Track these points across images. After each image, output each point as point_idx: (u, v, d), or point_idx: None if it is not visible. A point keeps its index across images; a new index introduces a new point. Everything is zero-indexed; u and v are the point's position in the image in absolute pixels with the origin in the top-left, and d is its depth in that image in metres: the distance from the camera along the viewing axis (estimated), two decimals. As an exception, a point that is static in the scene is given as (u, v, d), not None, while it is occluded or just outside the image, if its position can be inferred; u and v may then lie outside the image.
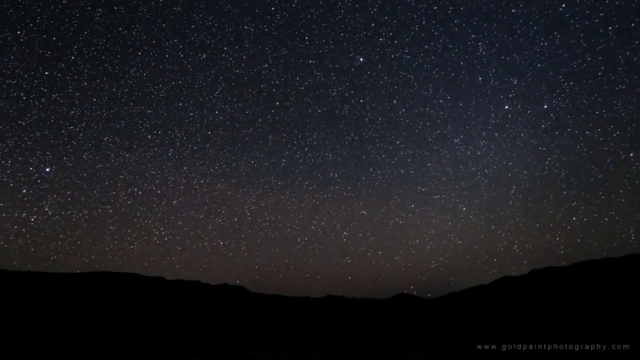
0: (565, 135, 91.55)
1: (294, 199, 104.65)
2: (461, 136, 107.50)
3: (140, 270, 65.31)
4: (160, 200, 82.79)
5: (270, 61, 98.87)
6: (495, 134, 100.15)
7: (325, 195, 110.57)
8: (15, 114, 62.36)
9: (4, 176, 59.59)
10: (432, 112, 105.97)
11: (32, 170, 62.91)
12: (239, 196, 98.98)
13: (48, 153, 65.86)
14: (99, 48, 73.72)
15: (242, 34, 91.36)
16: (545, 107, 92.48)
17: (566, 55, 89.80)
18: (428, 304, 46.86)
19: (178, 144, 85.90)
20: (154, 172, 79.33)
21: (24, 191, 60.90)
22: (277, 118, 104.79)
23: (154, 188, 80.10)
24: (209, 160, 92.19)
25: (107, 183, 74.86)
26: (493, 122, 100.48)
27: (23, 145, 62.01)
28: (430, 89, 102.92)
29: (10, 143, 61.16)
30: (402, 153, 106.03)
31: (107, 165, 74.91)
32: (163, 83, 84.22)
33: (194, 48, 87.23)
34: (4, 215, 59.34)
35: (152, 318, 37.06)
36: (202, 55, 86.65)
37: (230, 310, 44.52)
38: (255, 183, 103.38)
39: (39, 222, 61.81)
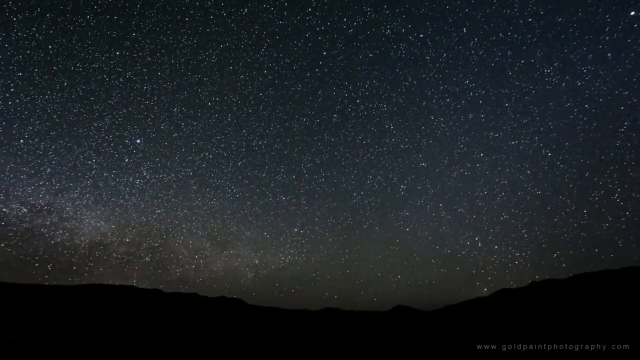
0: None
1: (348, 154, 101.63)
2: (555, 63, 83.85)
3: (217, 222, 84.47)
4: (228, 162, 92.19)
5: (314, 3, 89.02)
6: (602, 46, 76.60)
7: (381, 148, 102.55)
8: (104, 94, 70.95)
9: (109, 149, 72.03)
10: (515, 36, 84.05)
11: (127, 142, 74.82)
12: (295, 155, 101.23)
13: (135, 127, 76.23)
14: (153, 20, 76.11)
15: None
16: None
17: None
18: (426, 317, 46.35)
19: (234, 108, 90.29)
20: (218, 137, 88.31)
21: (126, 160, 74.07)
22: (326, 70, 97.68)
23: (220, 152, 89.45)
24: (263, 122, 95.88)
25: (183, 149, 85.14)
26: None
27: (116, 121, 72.93)
28: (516, 5, 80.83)
29: (107, 120, 71.98)
30: (472, 94, 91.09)
31: (180, 133, 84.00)
32: (212, 48, 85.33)
33: (235, 3, 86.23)
34: (117, 180, 71.56)
35: (147, 332, 36.44)
36: (243, 11, 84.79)
37: (227, 323, 43.85)
38: (308, 141, 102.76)
39: (140, 184, 75.67)
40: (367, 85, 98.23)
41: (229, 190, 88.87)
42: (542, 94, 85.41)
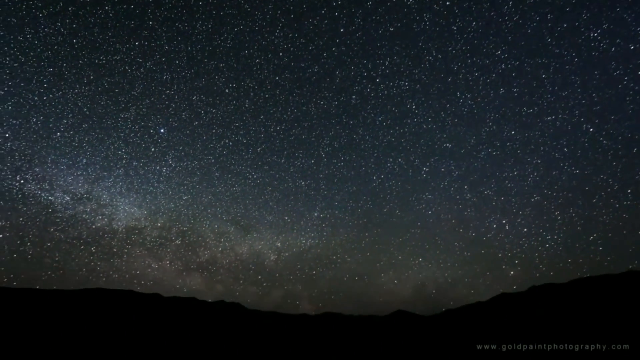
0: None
1: (367, 137, 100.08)
2: (604, 25, 71.48)
3: (240, 207, 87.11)
4: (247, 149, 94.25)
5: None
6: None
7: (402, 130, 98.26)
8: (127, 85, 74.22)
9: (136, 139, 76.13)
10: None
11: (152, 132, 79.07)
12: (313, 139, 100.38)
13: (158, 116, 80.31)
14: (167, 6, 77.46)
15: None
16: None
17: None
18: (426, 321, 46.12)
19: (252, 94, 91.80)
20: (237, 124, 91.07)
21: (152, 149, 78.61)
22: (343, 48, 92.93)
23: (240, 138, 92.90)
24: (281, 107, 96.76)
25: (204, 137, 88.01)
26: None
27: (140, 112, 76.46)
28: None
29: (132, 111, 75.58)
30: (503, 66, 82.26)
31: (200, 122, 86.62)
32: (227, 32, 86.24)
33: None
34: (145, 169, 75.54)
35: (146, 336, 36.21)
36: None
37: (226, 328, 43.58)
38: (326, 125, 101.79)
39: (167, 172, 79.46)
40: (387, 63, 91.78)
41: (250, 176, 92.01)
42: (587, 62, 75.68)
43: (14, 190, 57.30)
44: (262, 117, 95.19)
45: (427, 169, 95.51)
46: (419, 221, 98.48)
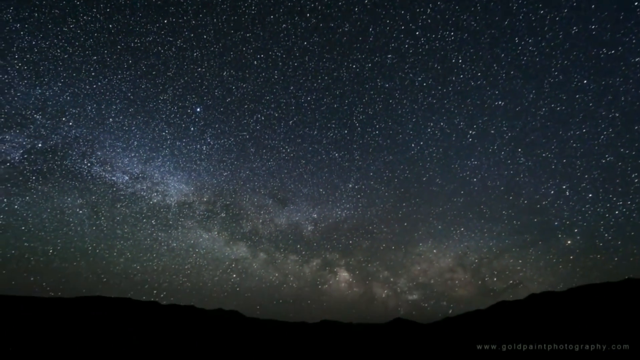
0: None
1: (405, 101, 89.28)
2: None
3: (276, 181, 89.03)
4: (279, 122, 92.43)
5: None
6: None
7: (445, 89, 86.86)
8: (162, 67, 76.26)
9: (177, 119, 78.84)
10: None
11: (189, 112, 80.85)
12: (345, 107, 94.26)
13: (194, 95, 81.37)
14: None
15: None
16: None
17: None
18: (425, 329, 45.84)
19: (280, 63, 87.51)
20: (267, 97, 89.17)
21: (192, 129, 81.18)
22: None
23: (271, 112, 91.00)
24: (310, 75, 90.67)
25: (237, 114, 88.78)
26: None
27: (177, 92, 78.48)
28: None
29: (170, 92, 77.62)
30: (575, 2, 69.41)
31: (232, 98, 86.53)
32: None
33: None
34: (184, 151, 78.83)
35: (144, 344, 35.92)
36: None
37: (224, 335, 43.21)
38: (360, 91, 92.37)
39: (207, 150, 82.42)
40: (428, 11, 76.89)
41: (283, 150, 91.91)
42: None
43: (84, 173, 66.43)
44: (292, 88, 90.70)
45: (473, 132, 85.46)
46: (462, 189, 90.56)
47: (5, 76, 59.75)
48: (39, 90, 63.43)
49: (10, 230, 60.33)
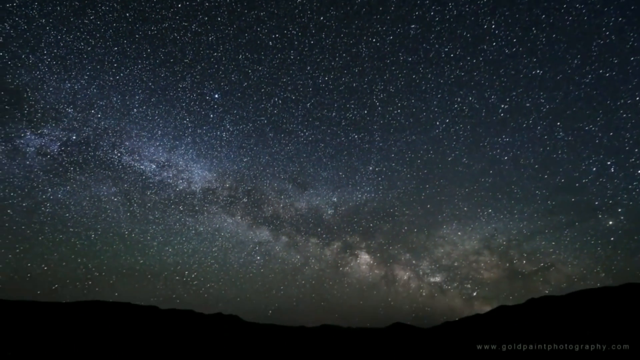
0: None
1: (429, 75, 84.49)
2: None
3: (295, 165, 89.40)
4: (297, 105, 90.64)
5: None
6: None
7: (475, 59, 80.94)
8: (179, 54, 77.45)
9: (196, 107, 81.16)
10: None
11: (208, 98, 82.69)
12: (365, 86, 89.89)
13: (211, 82, 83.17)
14: None
15: None
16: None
17: None
18: (424, 333, 45.59)
19: (296, 42, 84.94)
20: (284, 80, 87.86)
21: (211, 115, 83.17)
22: None
23: (288, 95, 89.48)
24: (328, 53, 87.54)
25: (255, 98, 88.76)
26: None
27: (195, 79, 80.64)
28: None
29: (188, 80, 79.73)
30: None
31: (249, 82, 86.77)
32: None
33: None
34: (205, 138, 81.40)
35: (143, 350, 35.70)
36: None
37: (223, 340, 42.96)
38: (380, 67, 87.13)
39: (226, 136, 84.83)
40: None
41: (302, 134, 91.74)
42: None
43: (115, 163, 71.45)
44: (308, 68, 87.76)
45: (506, 107, 79.78)
46: (492, 169, 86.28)
47: (38, 72, 63.54)
48: (68, 85, 67.55)
49: (56, 218, 66.79)
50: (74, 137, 68.34)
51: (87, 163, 69.04)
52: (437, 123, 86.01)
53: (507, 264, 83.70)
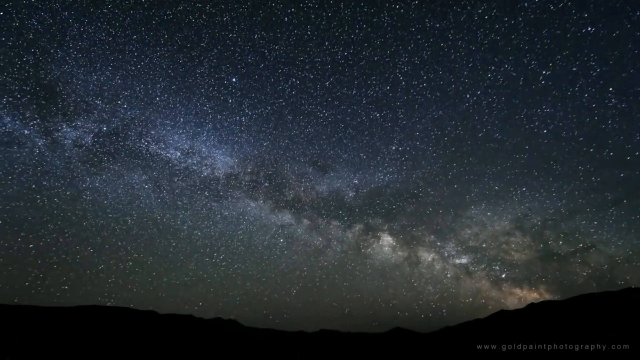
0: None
1: (460, 42, 76.64)
2: None
3: (315, 147, 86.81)
4: (315, 85, 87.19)
5: None
6: None
7: (513, 21, 72.90)
8: (195, 38, 77.45)
9: (215, 92, 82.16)
10: None
11: (225, 83, 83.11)
12: (387, 59, 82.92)
13: (228, 65, 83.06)
14: None
15: None
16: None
17: None
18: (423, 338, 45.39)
19: (312, 16, 78.02)
20: (301, 58, 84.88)
21: (230, 100, 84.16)
22: None
23: (306, 74, 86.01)
24: (346, 25, 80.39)
25: (272, 80, 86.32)
26: None
27: (212, 64, 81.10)
28: None
29: (205, 64, 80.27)
30: None
31: (266, 63, 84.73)
32: None
33: None
34: (225, 124, 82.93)
35: (142, 355, 35.54)
36: None
37: (223, 345, 42.76)
38: (404, 37, 79.95)
39: (246, 121, 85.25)
40: None
41: (321, 115, 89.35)
42: None
43: (143, 151, 74.09)
44: (326, 43, 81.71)
45: (548, 73, 71.33)
46: (528, 144, 79.30)
47: (66, 66, 66.19)
48: (95, 77, 70.06)
49: (96, 205, 70.98)
50: (105, 128, 72.00)
51: (118, 153, 72.59)
52: (467, 96, 79.36)
53: (541, 245, 78.31)
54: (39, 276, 58.44)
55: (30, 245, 63.73)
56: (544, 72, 71.32)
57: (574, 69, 69.25)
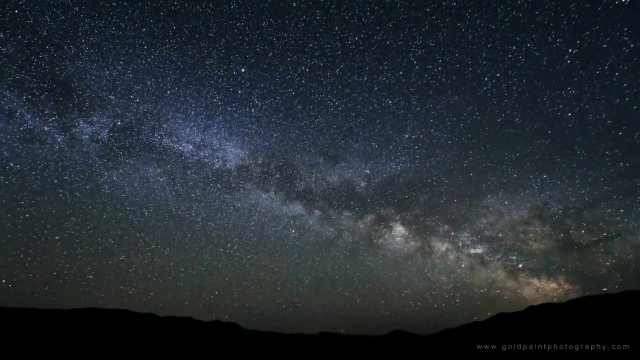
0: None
1: (478, 21, 70.63)
2: None
3: (326, 137, 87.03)
4: (325, 73, 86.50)
5: None
6: None
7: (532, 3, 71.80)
8: (203, 28, 77.85)
9: (224, 83, 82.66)
10: None
11: (234, 73, 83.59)
12: (400, 43, 78.86)
13: (237, 55, 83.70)
14: None
15: None
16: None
17: None
18: (422, 341, 45.25)
19: (321, 0, 79.34)
20: (310, 45, 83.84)
21: (239, 91, 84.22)
22: None
23: (315, 61, 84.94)
24: (357, 8, 78.00)
25: (281, 69, 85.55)
26: None
27: (220, 54, 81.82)
28: None
29: (214, 55, 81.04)
30: None
31: (275, 51, 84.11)
32: None
33: None
34: (235, 115, 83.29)
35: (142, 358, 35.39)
36: None
37: (222, 348, 42.61)
38: (417, 18, 75.20)
39: (255, 112, 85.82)
40: None
41: (331, 104, 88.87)
42: None
43: (157, 145, 75.98)
44: (336, 28, 79.61)
45: (575, 51, 65.88)
46: (550, 129, 75.15)
47: (80, 62, 67.08)
48: (107, 72, 70.99)
49: (114, 198, 73.25)
50: (119, 123, 73.23)
51: (133, 147, 74.39)
52: (486, 79, 74.89)
53: (562, 235, 76.76)
54: (65, 266, 61.99)
55: (56, 237, 65.62)
56: (570, 51, 66.30)
57: (604, 45, 63.57)
